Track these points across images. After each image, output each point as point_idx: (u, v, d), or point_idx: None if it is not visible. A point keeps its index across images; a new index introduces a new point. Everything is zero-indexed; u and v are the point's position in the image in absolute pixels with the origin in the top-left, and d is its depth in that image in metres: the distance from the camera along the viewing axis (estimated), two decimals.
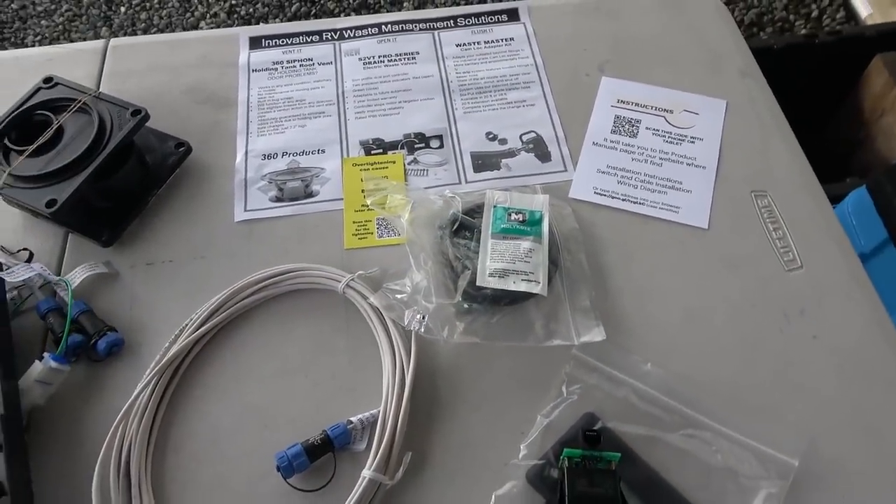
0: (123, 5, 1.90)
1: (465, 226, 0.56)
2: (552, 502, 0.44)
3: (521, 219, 0.56)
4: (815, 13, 1.78)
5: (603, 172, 0.61)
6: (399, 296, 0.52)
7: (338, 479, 0.46)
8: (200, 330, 0.52)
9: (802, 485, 0.45)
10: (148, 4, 1.90)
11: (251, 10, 1.86)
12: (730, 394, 0.49)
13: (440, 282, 0.53)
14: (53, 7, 1.90)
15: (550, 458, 0.46)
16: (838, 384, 0.50)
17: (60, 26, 1.85)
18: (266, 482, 0.47)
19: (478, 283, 0.51)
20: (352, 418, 0.48)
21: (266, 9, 1.86)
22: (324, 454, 0.47)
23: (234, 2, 1.88)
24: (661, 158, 0.62)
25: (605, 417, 0.48)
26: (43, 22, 1.86)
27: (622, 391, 0.49)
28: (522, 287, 0.51)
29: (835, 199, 1.22)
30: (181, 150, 0.62)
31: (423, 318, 0.51)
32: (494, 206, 0.57)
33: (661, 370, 0.50)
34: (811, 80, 1.48)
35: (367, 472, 0.45)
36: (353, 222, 0.59)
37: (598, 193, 0.60)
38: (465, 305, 0.52)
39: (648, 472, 0.46)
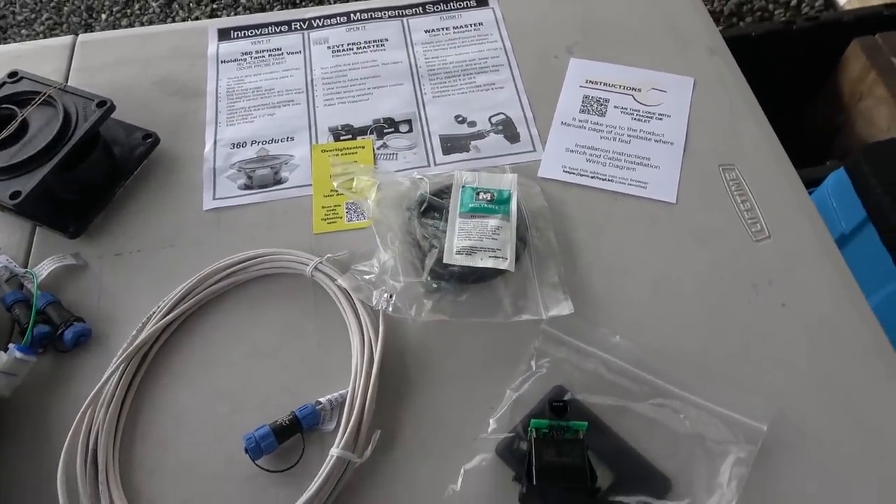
0: (104, 13, 1.89)
1: (433, 206, 0.56)
2: (521, 474, 0.44)
3: (489, 198, 0.55)
4: (794, 1, 1.79)
5: (572, 151, 0.61)
6: (367, 276, 0.52)
7: (307, 459, 0.46)
8: (168, 317, 0.52)
9: (771, 450, 0.45)
10: (129, 11, 1.90)
11: (232, 13, 1.86)
12: (699, 364, 0.49)
13: (408, 261, 0.53)
14: (34, 16, 1.89)
15: (519, 432, 0.46)
16: (807, 352, 0.50)
17: (41, 35, 1.85)
18: (235, 466, 0.46)
19: (445, 261, 0.51)
20: (320, 399, 0.48)
21: (248, 13, 1.86)
22: (292, 435, 0.47)
23: (214, 6, 1.88)
24: (629, 136, 0.62)
25: (575, 390, 0.48)
26: (23, 31, 1.86)
27: (591, 363, 0.49)
28: (490, 263, 0.51)
29: (815, 183, 1.22)
30: (149, 140, 0.62)
31: (391, 297, 0.50)
32: (463, 187, 0.57)
33: (629, 342, 0.50)
34: (790, 66, 1.49)
35: (335, 451, 0.45)
36: (322, 207, 0.59)
37: (566, 172, 0.60)
38: (434, 284, 0.52)
39: (617, 441, 0.46)
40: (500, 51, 0.70)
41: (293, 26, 0.73)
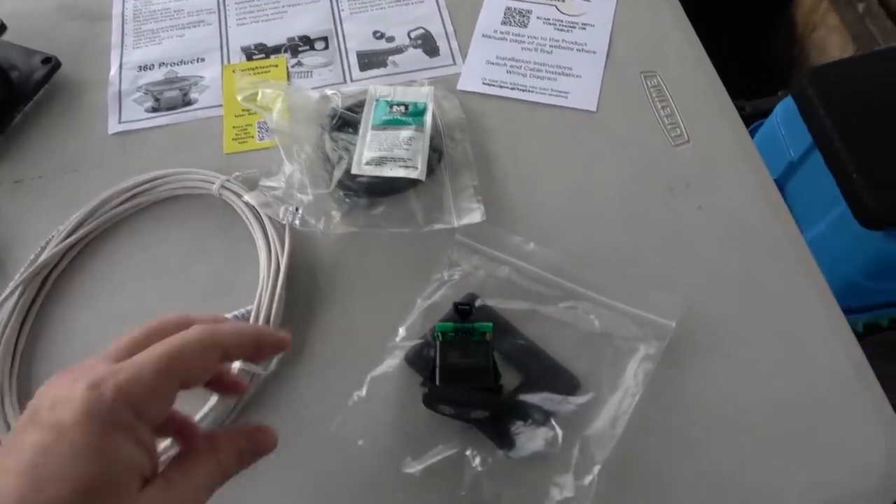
0: None
1: (347, 122, 0.54)
2: (427, 379, 0.43)
3: (403, 110, 0.54)
4: None
5: (492, 63, 0.59)
6: (275, 192, 0.50)
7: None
8: (69, 239, 0.50)
9: (681, 347, 0.45)
10: None
11: None
12: (614, 267, 0.49)
13: (316, 174, 0.51)
14: None
15: (429, 339, 0.45)
16: (721, 252, 0.50)
17: None
18: None
19: (353, 172, 0.50)
20: (226, 315, 0.47)
21: None
22: None
23: None
24: (551, 46, 0.60)
25: (486, 296, 0.47)
26: None
27: (504, 271, 0.48)
28: (399, 173, 0.50)
29: (767, 114, 1.22)
30: (48, 64, 0.59)
31: (297, 210, 0.49)
32: (377, 100, 0.55)
33: (545, 249, 0.49)
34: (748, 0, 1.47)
35: (238, 364, 0.43)
36: (233, 127, 0.57)
37: (486, 84, 0.58)
38: (343, 196, 0.50)
39: (526, 343, 0.45)
40: None
41: None
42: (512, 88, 0.58)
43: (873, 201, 0.92)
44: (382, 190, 0.50)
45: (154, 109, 0.58)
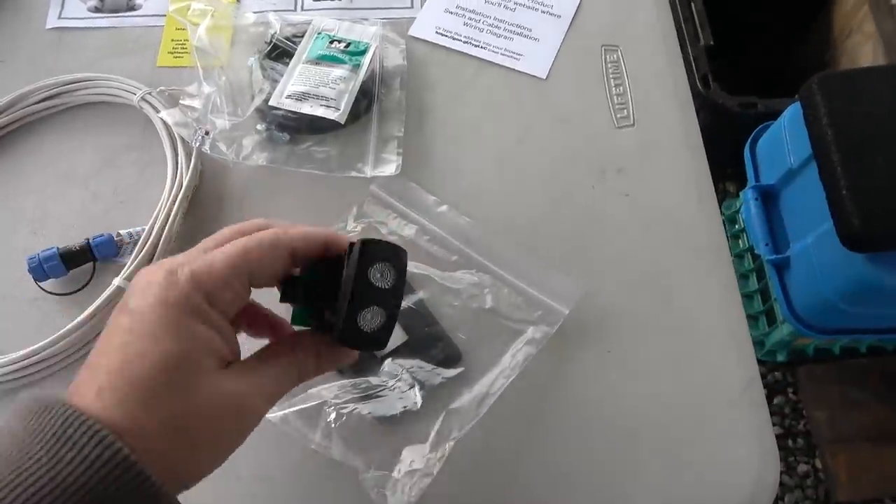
0: None
1: (285, 52, 0.52)
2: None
3: (342, 48, 0.51)
4: None
5: (450, 13, 0.56)
6: (195, 113, 0.49)
7: (95, 287, 0.44)
8: None
9: (572, 334, 0.44)
10: None
11: None
12: (524, 242, 0.47)
13: (238, 101, 0.49)
14: None
15: None
16: (638, 243, 0.48)
17: None
18: (22, 287, 0.45)
19: (271, 103, 0.48)
20: (121, 231, 0.46)
21: None
22: (84, 262, 0.45)
23: None
24: (515, 3, 0.57)
25: None
26: None
27: (410, 229, 0.47)
28: (319, 112, 0.48)
29: (778, 115, 1.16)
30: None
31: (208, 134, 0.47)
32: (319, 33, 0.52)
33: (457, 213, 0.47)
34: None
35: (117, 280, 0.43)
36: (172, 40, 0.55)
37: (439, 33, 0.55)
38: (261, 128, 0.49)
39: (417, 306, 0.44)
40: None
41: None
42: (464, 42, 0.55)
43: (858, 221, 0.88)
44: (299, 127, 0.49)
45: (97, 10, 0.56)
